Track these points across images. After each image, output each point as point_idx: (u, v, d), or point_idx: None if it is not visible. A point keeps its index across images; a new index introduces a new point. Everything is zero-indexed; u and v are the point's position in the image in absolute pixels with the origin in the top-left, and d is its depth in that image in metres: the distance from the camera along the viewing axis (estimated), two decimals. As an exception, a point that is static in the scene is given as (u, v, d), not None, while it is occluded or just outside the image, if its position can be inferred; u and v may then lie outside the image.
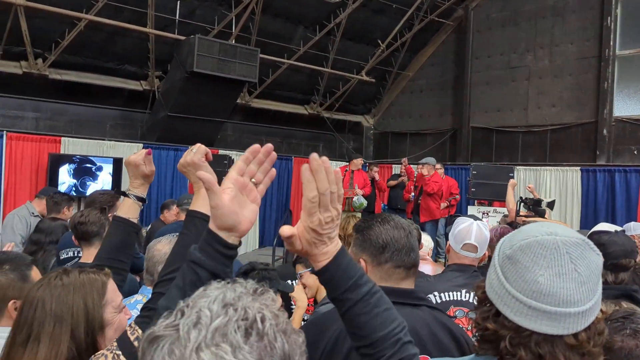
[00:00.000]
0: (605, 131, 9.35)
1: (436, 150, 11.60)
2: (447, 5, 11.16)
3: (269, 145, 1.13)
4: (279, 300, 2.47)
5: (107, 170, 8.26)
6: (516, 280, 1.07)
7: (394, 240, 1.62)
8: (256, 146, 1.12)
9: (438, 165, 9.42)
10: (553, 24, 10.12)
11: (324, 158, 1.08)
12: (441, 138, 11.72)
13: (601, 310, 1.11)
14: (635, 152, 9.19)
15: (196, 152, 1.54)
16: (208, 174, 1.09)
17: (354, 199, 9.01)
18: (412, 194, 9.22)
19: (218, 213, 1.04)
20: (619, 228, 2.72)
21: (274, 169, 1.15)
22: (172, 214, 5.86)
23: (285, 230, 1.11)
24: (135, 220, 1.89)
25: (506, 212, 7.00)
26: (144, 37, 8.83)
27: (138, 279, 3.46)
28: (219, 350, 0.68)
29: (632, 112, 9.23)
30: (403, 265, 1.62)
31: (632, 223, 4.83)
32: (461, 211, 9.31)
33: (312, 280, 2.90)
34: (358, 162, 9.50)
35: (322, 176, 1.07)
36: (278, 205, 10.30)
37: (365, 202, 9.20)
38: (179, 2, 8.77)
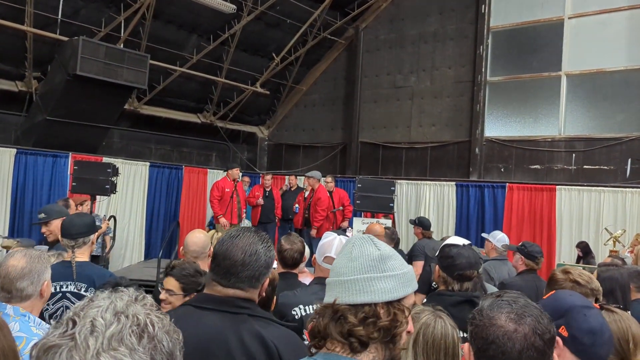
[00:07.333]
0: (477, 150, 10.22)
1: (327, 163, 11.98)
2: (339, 25, 11.62)
3: None
4: None
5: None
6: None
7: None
8: None
9: (329, 179, 9.69)
10: (434, 49, 10.92)
11: None
12: (332, 151, 12.11)
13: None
14: (502, 169, 10.14)
15: None
16: None
17: (244, 220, 9.08)
18: (296, 206, 9.39)
19: None
20: (466, 242, 3.03)
21: None
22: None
23: None
24: None
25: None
26: (22, 35, 8.27)
27: None
28: (117, 353, 0.77)
29: (499, 133, 10.19)
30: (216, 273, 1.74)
31: (500, 235, 5.32)
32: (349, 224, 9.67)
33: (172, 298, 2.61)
34: (235, 172, 8.87)
35: None
36: (166, 216, 10.00)
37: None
38: (61, 1, 8.32)
